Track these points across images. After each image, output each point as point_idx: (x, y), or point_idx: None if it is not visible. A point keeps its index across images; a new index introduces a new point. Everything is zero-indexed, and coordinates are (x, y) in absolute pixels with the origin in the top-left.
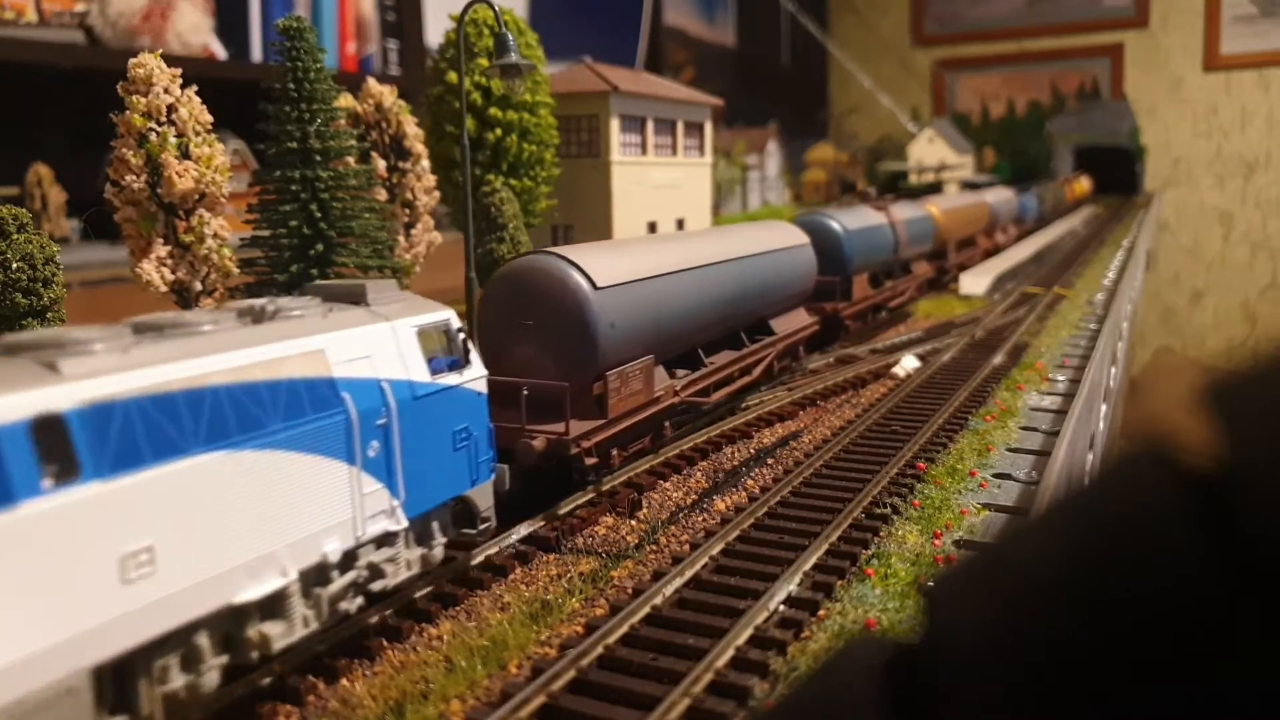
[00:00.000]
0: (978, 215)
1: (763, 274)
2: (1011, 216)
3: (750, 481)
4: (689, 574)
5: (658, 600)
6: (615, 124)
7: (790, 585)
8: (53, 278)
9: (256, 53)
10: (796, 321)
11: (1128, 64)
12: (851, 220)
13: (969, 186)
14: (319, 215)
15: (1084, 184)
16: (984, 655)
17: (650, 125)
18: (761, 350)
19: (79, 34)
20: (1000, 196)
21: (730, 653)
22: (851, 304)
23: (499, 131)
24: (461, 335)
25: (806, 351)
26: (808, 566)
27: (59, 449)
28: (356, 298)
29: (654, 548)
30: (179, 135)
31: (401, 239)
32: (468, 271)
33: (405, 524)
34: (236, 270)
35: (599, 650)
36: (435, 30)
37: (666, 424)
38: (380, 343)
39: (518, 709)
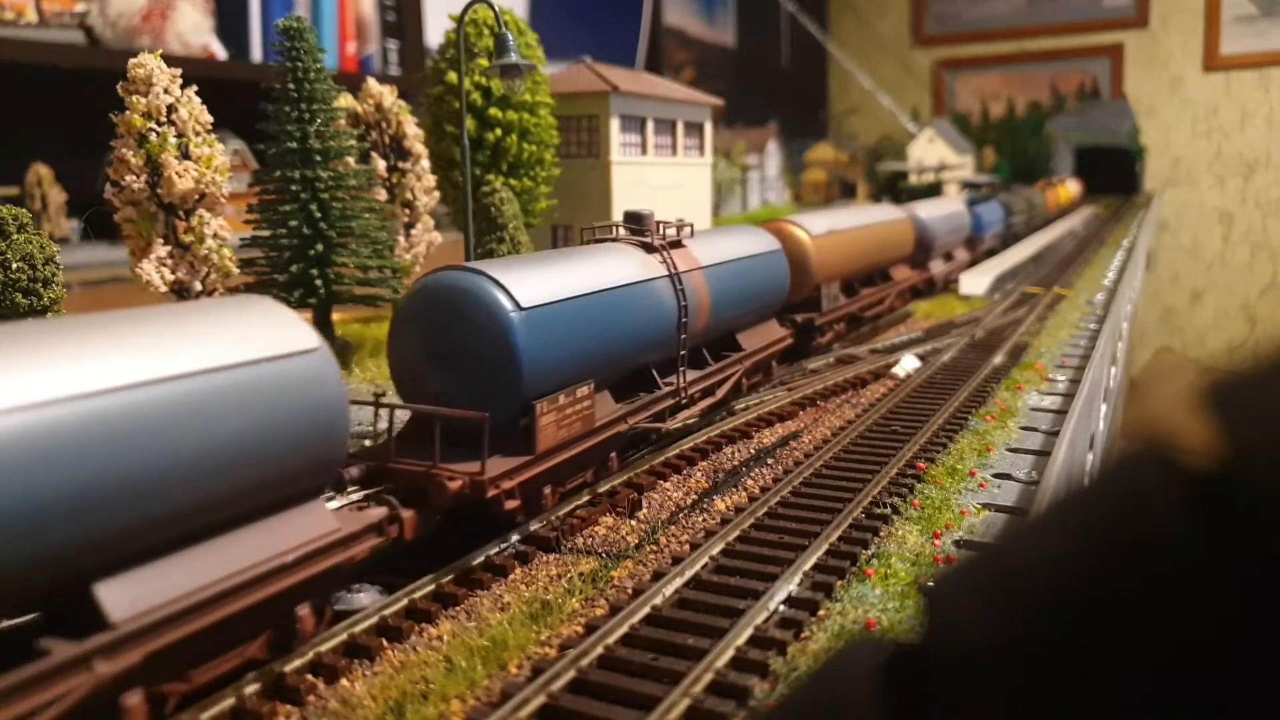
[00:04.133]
0: (893, 238)
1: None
2: (959, 237)
3: (750, 481)
4: (689, 574)
5: (658, 600)
6: (615, 124)
7: (790, 585)
8: (53, 278)
9: (256, 53)
10: (293, 535)
11: (1128, 64)
12: (539, 284)
13: (969, 186)
14: (319, 215)
15: (1070, 188)
16: (983, 655)
17: (650, 125)
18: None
19: (79, 34)
20: (939, 210)
21: (730, 653)
22: (530, 461)
23: (499, 131)
24: None
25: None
26: (808, 566)
27: None
28: None
29: (654, 548)
30: (179, 135)
31: (401, 239)
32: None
33: None
34: (236, 270)
35: (599, 650)
36: (435, 30)
37: None
38: None
39: (518, 709)
